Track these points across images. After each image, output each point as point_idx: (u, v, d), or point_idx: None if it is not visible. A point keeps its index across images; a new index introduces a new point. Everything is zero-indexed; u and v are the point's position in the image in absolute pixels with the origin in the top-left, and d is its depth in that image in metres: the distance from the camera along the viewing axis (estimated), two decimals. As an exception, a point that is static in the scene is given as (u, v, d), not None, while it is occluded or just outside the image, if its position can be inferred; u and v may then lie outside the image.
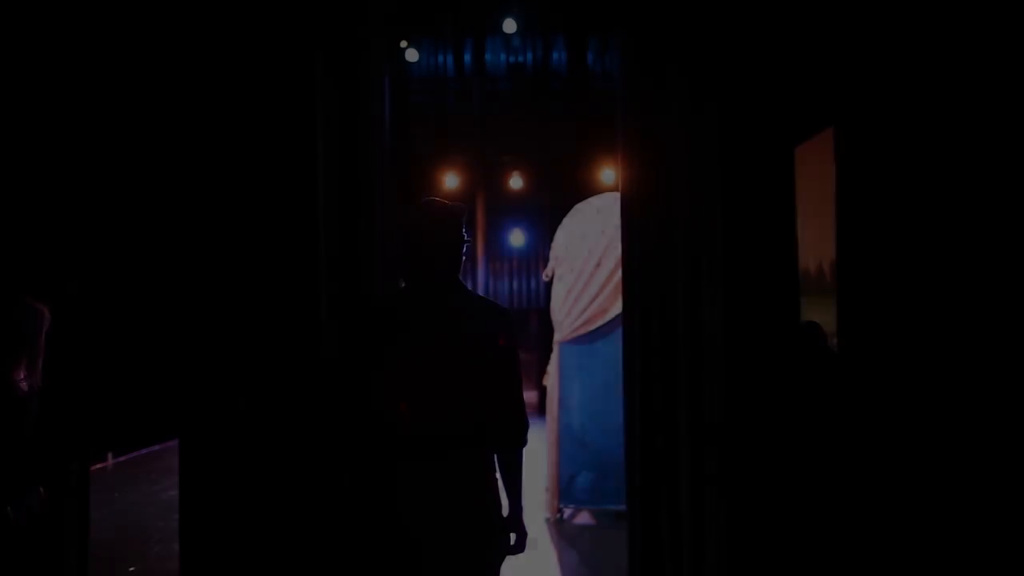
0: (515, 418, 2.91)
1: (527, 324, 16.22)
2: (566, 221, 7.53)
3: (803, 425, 3.62)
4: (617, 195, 4.93)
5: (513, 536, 2.96)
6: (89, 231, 4.19)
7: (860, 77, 3.84)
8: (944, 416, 3.70)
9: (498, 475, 2.93)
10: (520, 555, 3.04)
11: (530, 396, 15.03)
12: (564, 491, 7.36)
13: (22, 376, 3.58)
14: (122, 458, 10.25)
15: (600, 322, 7.25)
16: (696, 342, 4.04)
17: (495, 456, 2.93)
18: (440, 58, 16.88)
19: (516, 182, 16.19)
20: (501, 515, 2.93)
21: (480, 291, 15.86)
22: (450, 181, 15.43)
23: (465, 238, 2.99)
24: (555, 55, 16.77)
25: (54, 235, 4.00)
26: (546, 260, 7.85)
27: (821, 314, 4.07)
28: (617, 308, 6.90)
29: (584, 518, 7.47)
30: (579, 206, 7.52)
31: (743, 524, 3.68)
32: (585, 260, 7.25)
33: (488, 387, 2.87)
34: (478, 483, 2.87)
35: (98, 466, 9.76)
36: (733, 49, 3.70)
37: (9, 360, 3.55)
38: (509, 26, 14.36)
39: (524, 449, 2.96)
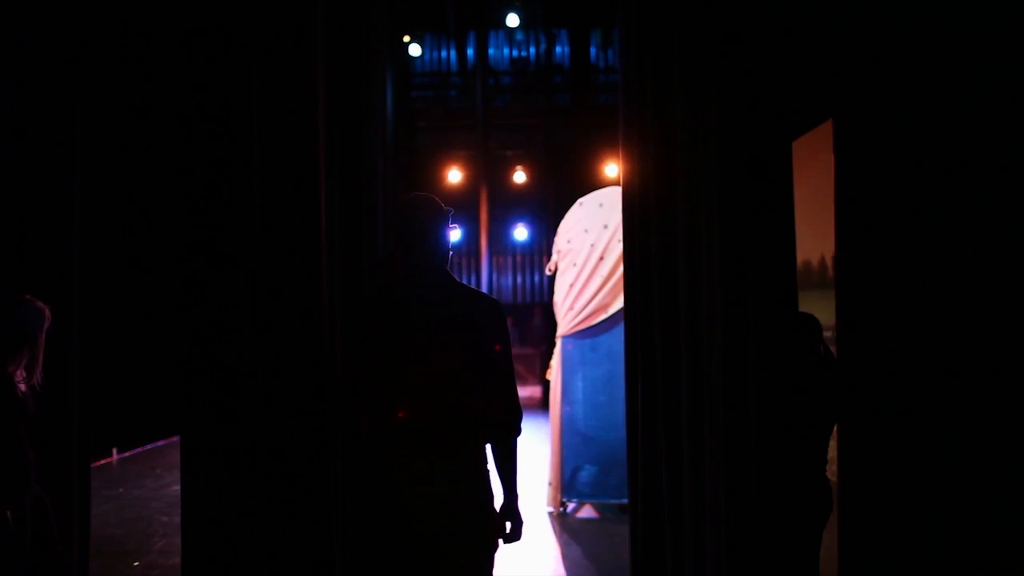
0: (508, 408, 2.94)
1: (531, 318, 16.23)
2: (569, 215, 7.53)
3: (802, 413, 3.62)
4: (620, 189, 4.93)
5: (509, 524, 2.98)
6: (95, 228, 4.20)
7: (860, 69, 3.82)
8: (947, 410, 3.69)
9: (491, 466, 2.95)
10: (523, 548, 3.05)
11: (534, 390, 15.02)
12: (567, 485, 7.37)
13: (21, 375, 3.59)
14: (126, 453, 10.28)
15: (603, 316, 7.26)
16: (697, 336, 4.04)
17: (488, 447, 2.96)
18: (443, 52, 16.88)
19: (519, 176, 16.19)
20: (493, 506, 2.95)
21: (484, 286, 15.87)
22: (453, 176, 15.43)
23: (451, 226, 3.02)
24: (558, 49, 16.77)
25: (56, 233, 4.00)
26: (550, 254, 7.84)
27: (822, 309, 4.06)
28: (620, 303, 6.90)
29: (587, 511, 7.47)
30: (582, 200, 7.52)
31: (743, 518, 3.68)
32: (588, 254, 7.25)
33: (480, 378, 2.90)
34: (471, 474, 2.89)
35: (102, 462, 9.79)
36: (732, 42, 3.69)
37: (9, 359, 3.55)
38: (512, 20, 14.34)
39: (526, 442, 2.97)
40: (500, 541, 2.97)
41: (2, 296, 3.70)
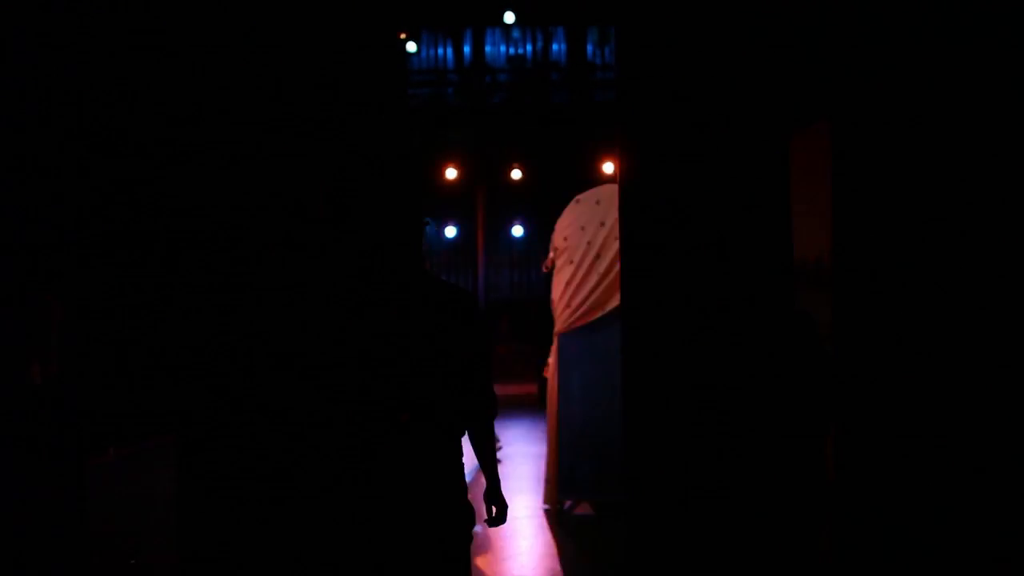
0: (482, 396, 2.99)
1: (527, 316, 16.23)
2: (566, 212, 7.53)
3: (798, 411, 3.63)
4: (616, 186, 4.93)
5: (494, 508, 3.01)
6: (96, 226, 4.20)
7: (856, 67, 3.83)
8: (945, 408, 3.70)
9: (466, 459, 2.98)
10: (521, 545, 3.07)
11: (531, 388, 15.03)
12: (564, 482, 7.36)
13: (37, 369, 3.60)
14: (124, 451, 10.26)
15: (600, 314, 7.25)
16: (693, 334, 4.05)
17: (464, 436, 3.00)
18: (439, 50, 16.88)
19: (516, 174, 16.18)
20: (467, 499, 2.98)
21: (480, 283, 15.90)
22: (450, 173, 15.42)
23: (424, 221, 3.03)
24: (555, 46, 16.78)
25: (56, 230, 4.00)
26: (546, 251, 7.85)
27: (818, 308, 4.07)
28: (617, 300, 6.89)
29: (584, 509, 7.47)
30: (579, 197, 7.51)
31: (741, 517, 3.69)
32: (584, 251, 7.25)
33: (455, 370, 2.93)
34: (445, 466, 2.93)
35: (100, 459, 9.78)
36: (729, 41, 3.70)
37: (24, 353, 3.56)
38: (508, 17, 14.34)
39: (524, 440, 3.00)
40: (484, 526, 3.00)
41: (14, 292, 3.70)
